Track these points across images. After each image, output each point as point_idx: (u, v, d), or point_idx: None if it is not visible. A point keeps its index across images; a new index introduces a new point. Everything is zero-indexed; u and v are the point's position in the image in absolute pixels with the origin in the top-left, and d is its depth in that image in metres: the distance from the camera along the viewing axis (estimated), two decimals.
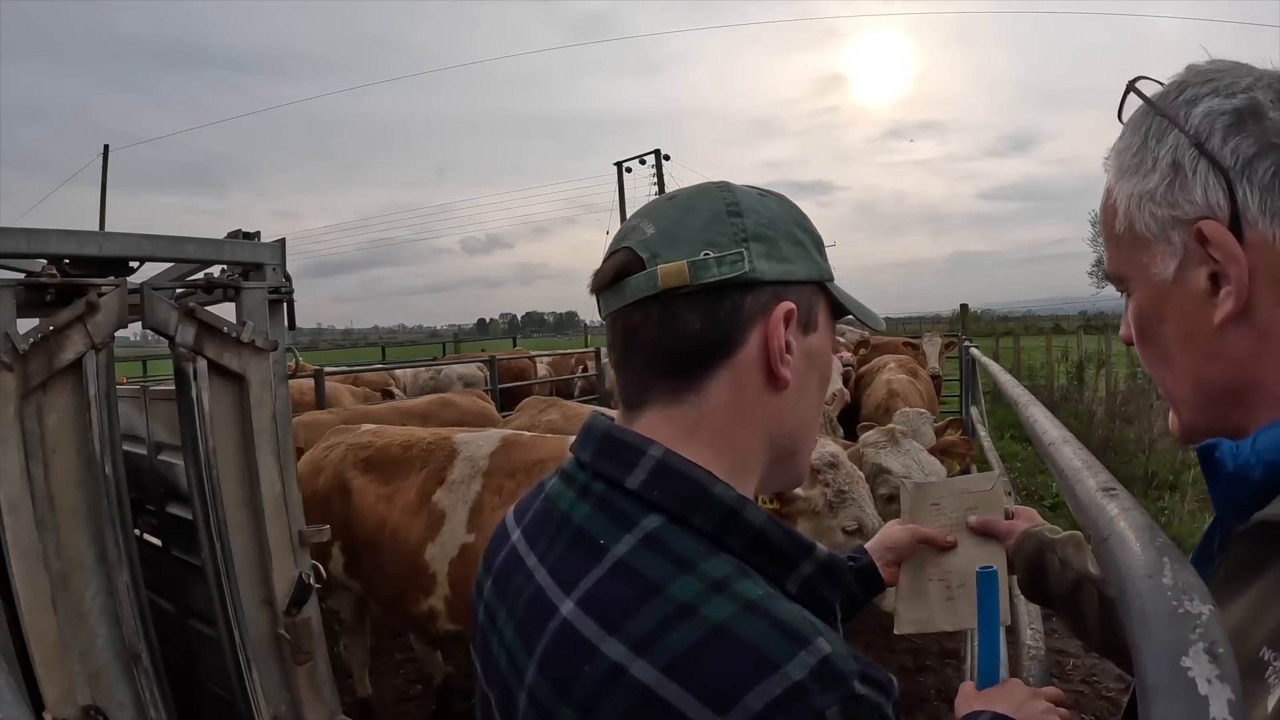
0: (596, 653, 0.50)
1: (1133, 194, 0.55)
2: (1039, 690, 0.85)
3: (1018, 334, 21.39)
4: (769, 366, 0.59)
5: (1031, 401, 1.37)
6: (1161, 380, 0.59)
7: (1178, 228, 0.53)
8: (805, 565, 0.57)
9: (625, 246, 0.60)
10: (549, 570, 0.58)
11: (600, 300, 0.63)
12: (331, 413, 4.45)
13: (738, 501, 0.55)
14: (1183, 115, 0.53)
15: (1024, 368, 14.49)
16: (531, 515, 0.65)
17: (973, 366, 6.44)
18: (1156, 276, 0.55)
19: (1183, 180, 0.52)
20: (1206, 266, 0.52)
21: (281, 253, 2.18)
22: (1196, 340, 0.54)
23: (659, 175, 19.98)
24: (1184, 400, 0.58)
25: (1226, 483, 0.51)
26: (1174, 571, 0.36)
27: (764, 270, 0.58)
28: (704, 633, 0.48)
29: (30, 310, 1.76)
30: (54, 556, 1.73)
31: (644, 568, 0.53)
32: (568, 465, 0.65)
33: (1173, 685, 0.30)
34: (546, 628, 0.55)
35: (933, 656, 3.73)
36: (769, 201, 0.63)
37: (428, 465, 2.71)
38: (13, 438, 1.65)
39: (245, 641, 2.00)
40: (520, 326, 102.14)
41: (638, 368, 0.61)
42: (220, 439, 2.01)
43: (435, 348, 23.73)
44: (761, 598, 0.50)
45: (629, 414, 0.63)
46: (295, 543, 2.12)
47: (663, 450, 0.57)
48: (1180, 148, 0.52)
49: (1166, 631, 0.32)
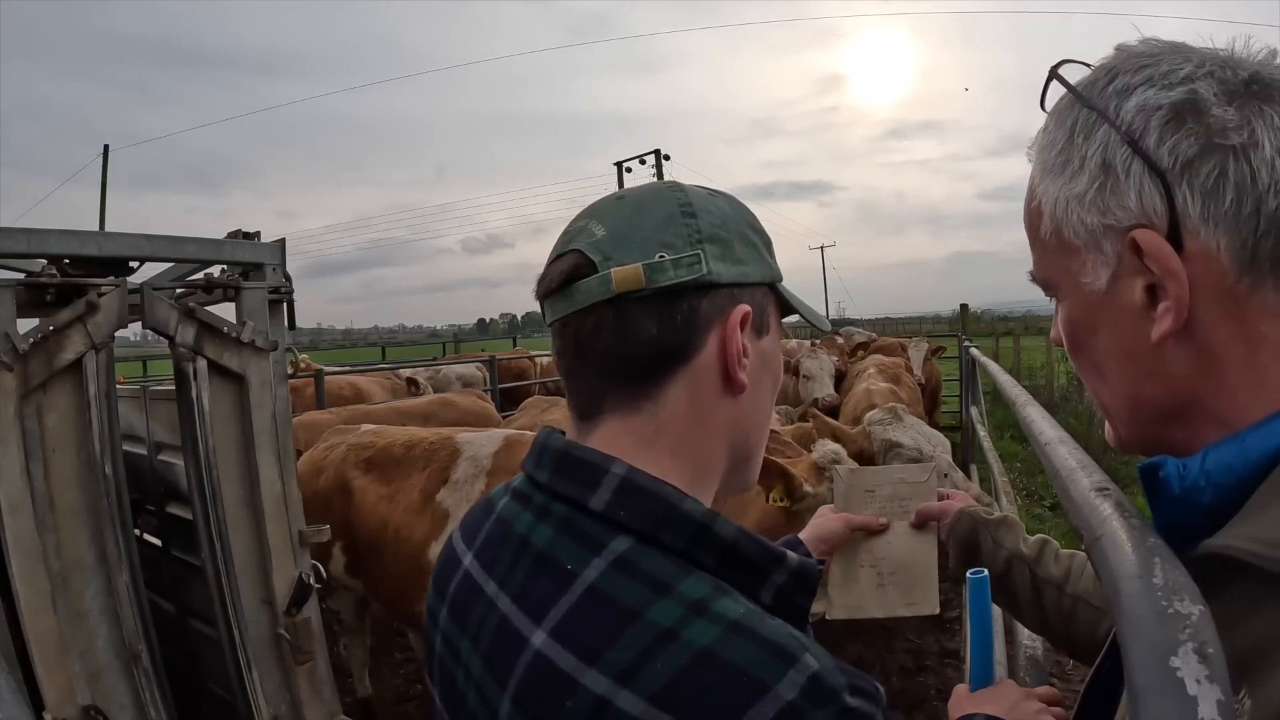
0: (578, 686, 0.48)
1: (1059, 197, 0.50)
2: (1032, 690, 0.85)
3: (1018, 334, 21.40)
4: (726, 371, 0.58)
5: (1029, 401, 1.37)
6: (1096, 391, 0.55)
7: (1110, 236, 0.47)
8: (778, 574, 0.55)
9: (574, 249, 0.57)
10: (512, 598, 0.55)
11: (546, 306, 0.60)
12: (331, 413, 4.46)
13: (707, 516, 0.54)
14: (1113, 108, 0.47)
15: (1024, 368, 14.49)
16: (485, 538, 0.62)
17: (973, 367, 6.44)
18: (1087, 287, 0.50)
19: (1114, 183, 0.47)
20: (1142, 278, 0.46)
21: (281, 253, 2.18)
22: (1133, 357, 0.49)
23: (659, 175, 19.97)
24: (1119, 416, 0.53)
25: (1172, 505, 0.47)
26: (1164, 571, 0.36)
27: (719, 272, 0.57)
28: (689, 658, 0.46)
29: (30, 310, 1.76)
30: (54, 556, 1.74)
31: (618, 593, 0.50)
32: (520, 484, 0.62)
33: (1162, 686, 0.30)
34: (518, 661, 0.52)
35: (933, 656, 3.73)
36: (720, 201, 0.61)
37: (430, 465, 2.71)
38: (13, 438, 1.65)
39: (245, 641, 2.01)
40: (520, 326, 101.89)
41: (590, 376, 0.58)
42: (220, 439, 2.02)
43: (435, 348, 23.74)
44: (744, 616, 0.49)
45: (584, 425, 0.60)
46: (295, 543, 2.12)
47: (625, 468, 0.55)
48: (1111, 146, 0.47)
49: (1155, 631, 0.32)
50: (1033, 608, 0.97)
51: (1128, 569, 0.37)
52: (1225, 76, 0.45)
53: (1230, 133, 0.44)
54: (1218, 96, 0.45)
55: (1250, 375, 0.46)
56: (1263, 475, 0.44)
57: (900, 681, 3.45)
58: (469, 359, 8.99)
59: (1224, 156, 0.44)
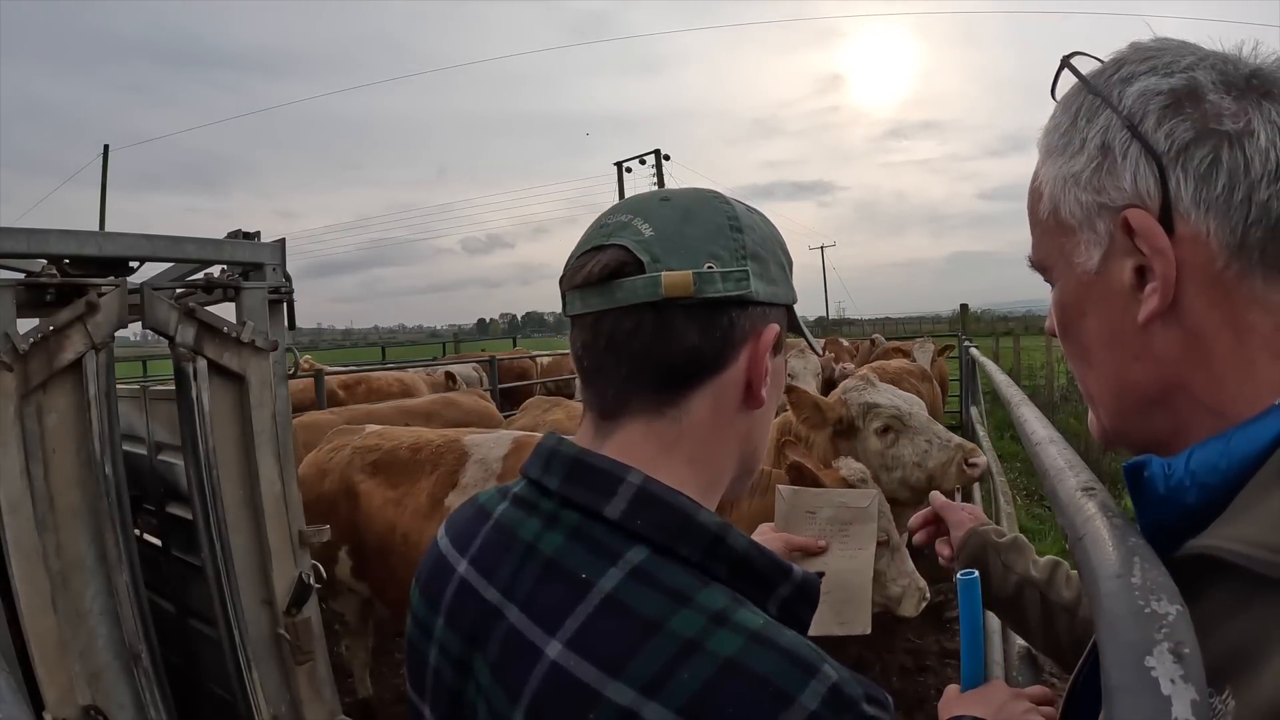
0: (600, 698, 0.48)
1: (1058, 176, 0.51)
2: (1022, 691, 0.85)
3: (1018, 334, 21.35)
4: (750, 385, 0.59)
5: (1023, 401, 1.37)
6: (1082, 379, 0.55)
7: (1103, 215, 0.49)
8: (784, 587, 0.56)
9: (617, 244, 0.57)
10: (521, 607, 0.55)
11: (577, 296, 0.59)
12: (332, 413, 4.46)
13: (721, 528, 0.54)
14: (1116, 94, 0.49)
15: (1024, 368, 14.46)
16: (481, 544, 0.61)
17: (972, 367, 6.43)
18: (1079, 267, 0.51)
19: (1111, 164, 0.48)
20: (1132, 259, 0.48)
21: (281, 253, 2.18)
22: (1119, 338, 0.50)
23: (659, 175, 19.97)
24: (1104, 403, 0.54)
25: (1157, 505, 0.47)
26: (1143, 571, 0.36)
27: (759, 291, 0.58)
28: (715, 669, 0.47)
29: (30, 310, 1.77)
30: (54, 556, 1.74)
31: (637, 603, 0.50)
32: (522, 490, 0.62)
33: (1136, 685, 0.30)
34: (532, 672, 0.52)
35: (933, 657, 3.73)
36: (758, 219, 0.62)
37: (439, 468, 2.68)
38: (13, 438, 1.65)
39: (245, 641, 2.01)
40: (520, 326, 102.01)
41: (620, 377, 0.58)
42: (220, 439, 2.02)
43: (435, 348, 23.74)
44: (763, 627, 0.49)
45: (603, 424, 0.60)
46: (295, 543, 2.12)
47: (642, 477, 0.55)
48: (1111, 129, 0.48)
49: (1132, 631, 0.32)
50: (1044, 632, 0.93)
51: (1107, 568, 0.37)
52: (1226, 70, 0.47)
53: (1225, 119, 0.45)
54: (1216, 85, 0.46)
55: (1237, 364, 0.46)
56: (1248, 475, 0.44)
57: (900, 681, 3.45)
58: (469, 359, 8.99)
59: (1219, 142, 0.45)
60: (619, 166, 20.26)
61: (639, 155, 20.39)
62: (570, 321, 0.61)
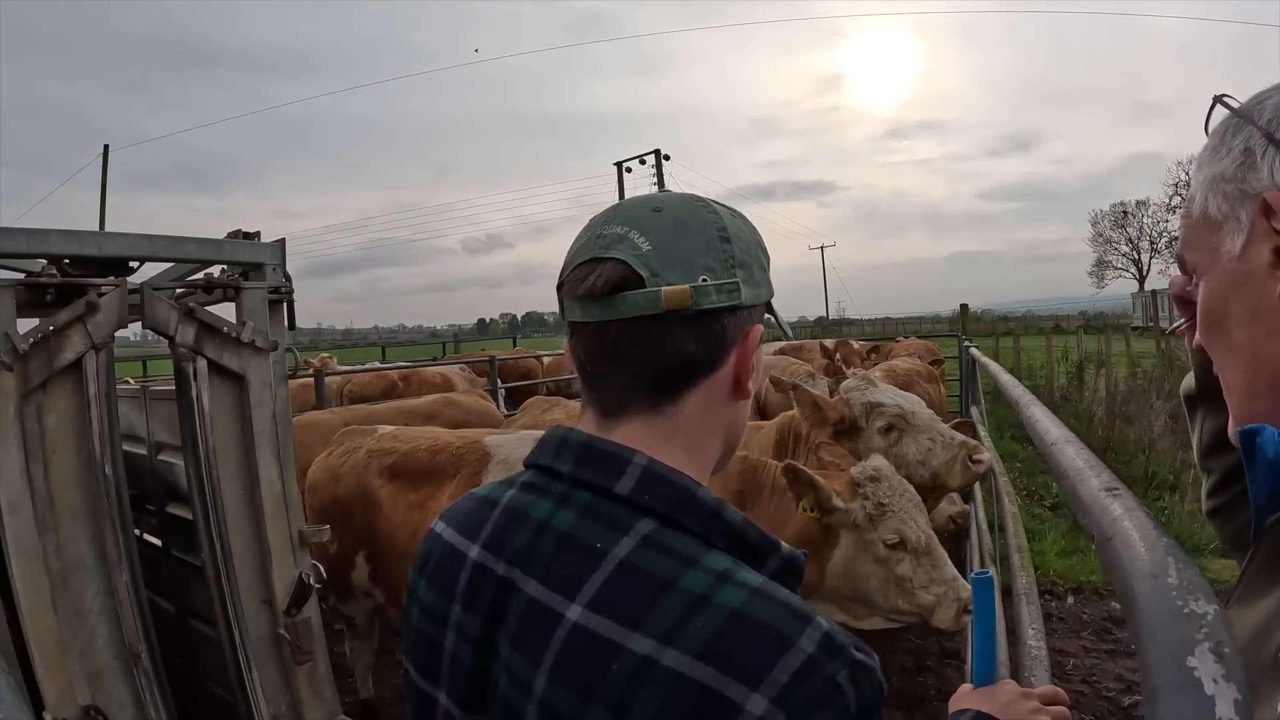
0: (623, 650, 0.53)
1: (1207, 178, 0.58)
2: (1031, 690, 0.85)
3: (1018, 334, 21.39)
4: (738, 381, 0.65)
5: (1032, 402, 1.36)
6: (1221, 370, 0.60)
7: (1245, 203, 0.55)
8: (773, 560, 0.61)
9: (616, 258, 0.61)
10: (539, 579, 0.59)
11: (578, 305, 0.63)
12: (332, 412, 4.45)
13: (718, 504, 0.60)
14: (1256, 113, 0.57)
15: (1024, 368, 14.49)
16: (493, 528, 0.65)
17: (973, 367, 6.44)
18: (1225, 256, 0.57)
19: (1252, 162, 0.55)
20: (1270, 241, 0.53)
21: (281, 253, 2.18)
22: (1259, 316, 0.55)
23: (659, 175, 19.98)
24: (1239, 387, 0.58)
25: (1264, 470, 0.52)
26: (1179, 571, 0.36)
27: (746, 296, 0.63)
28: (724, 618, 0.52)
29: (30, 310, 1.76)
30: (54, 556, 1.73)
31: (650, 566, 0.56)
32: (531, 478, 0.66)
33: (1178, 685, 0.30)
34: (554, 636, 0.56)
35: (933, 657, 3.73)
36: (741, 224, 0.66)
37: (460, 470, 2.63)
38: (13, 438, 1.65)
39: (245, 641, 2.00)
40: (520, 326, 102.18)
41: (622, 382, 0.63)
42: (220, 439, 2.01)
43: (435, 348, 23.72)
44: (764, 584, 0.55)
45: (607, 421, 0.65)
46: (295, 543, 2.12)
47: (647, 459, 0.60)
48: (1253, 138, 0.56)
49: (1171, 631, 0.32)
50: None
51: (1141, 569, 0.37)
52: None
53: None
54: None
55: None
56: None
57: (900, 681, 3.45)
58: (469, 359, 8.99)
59: None
60: (619, 166, 20.27)
61: (639, 155, 20.42)
62: (569, 327, 0.66)
